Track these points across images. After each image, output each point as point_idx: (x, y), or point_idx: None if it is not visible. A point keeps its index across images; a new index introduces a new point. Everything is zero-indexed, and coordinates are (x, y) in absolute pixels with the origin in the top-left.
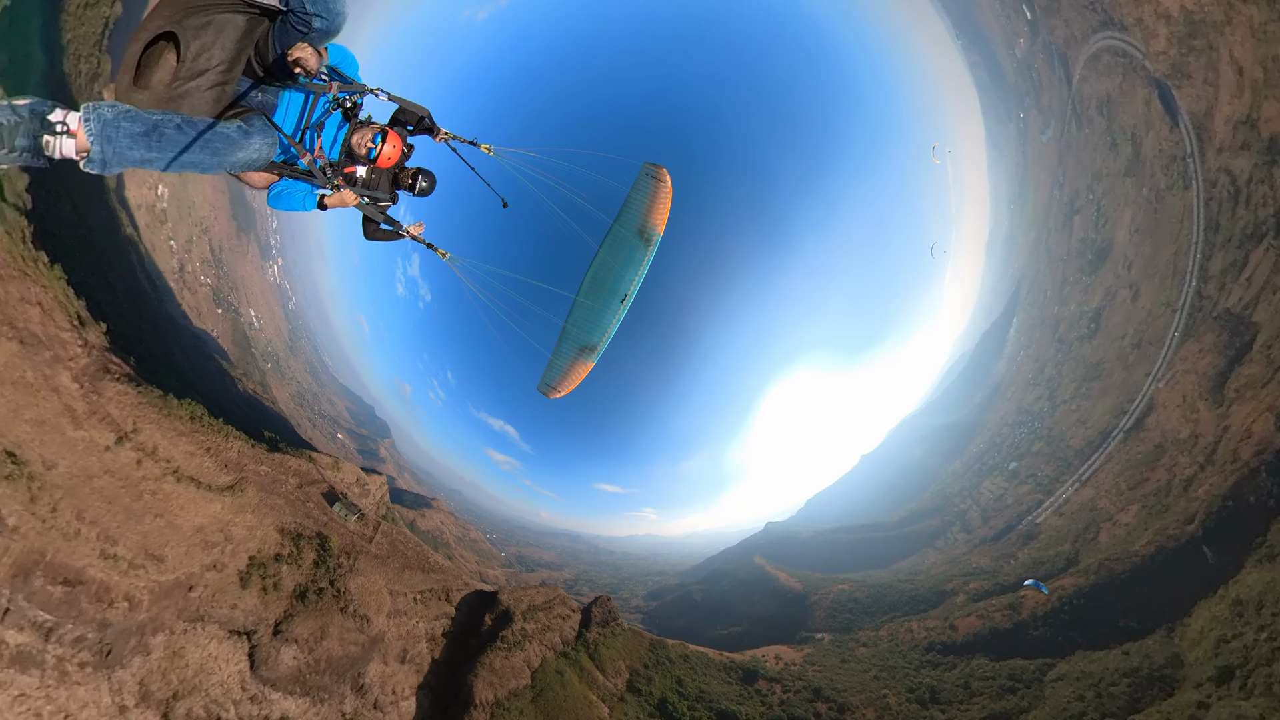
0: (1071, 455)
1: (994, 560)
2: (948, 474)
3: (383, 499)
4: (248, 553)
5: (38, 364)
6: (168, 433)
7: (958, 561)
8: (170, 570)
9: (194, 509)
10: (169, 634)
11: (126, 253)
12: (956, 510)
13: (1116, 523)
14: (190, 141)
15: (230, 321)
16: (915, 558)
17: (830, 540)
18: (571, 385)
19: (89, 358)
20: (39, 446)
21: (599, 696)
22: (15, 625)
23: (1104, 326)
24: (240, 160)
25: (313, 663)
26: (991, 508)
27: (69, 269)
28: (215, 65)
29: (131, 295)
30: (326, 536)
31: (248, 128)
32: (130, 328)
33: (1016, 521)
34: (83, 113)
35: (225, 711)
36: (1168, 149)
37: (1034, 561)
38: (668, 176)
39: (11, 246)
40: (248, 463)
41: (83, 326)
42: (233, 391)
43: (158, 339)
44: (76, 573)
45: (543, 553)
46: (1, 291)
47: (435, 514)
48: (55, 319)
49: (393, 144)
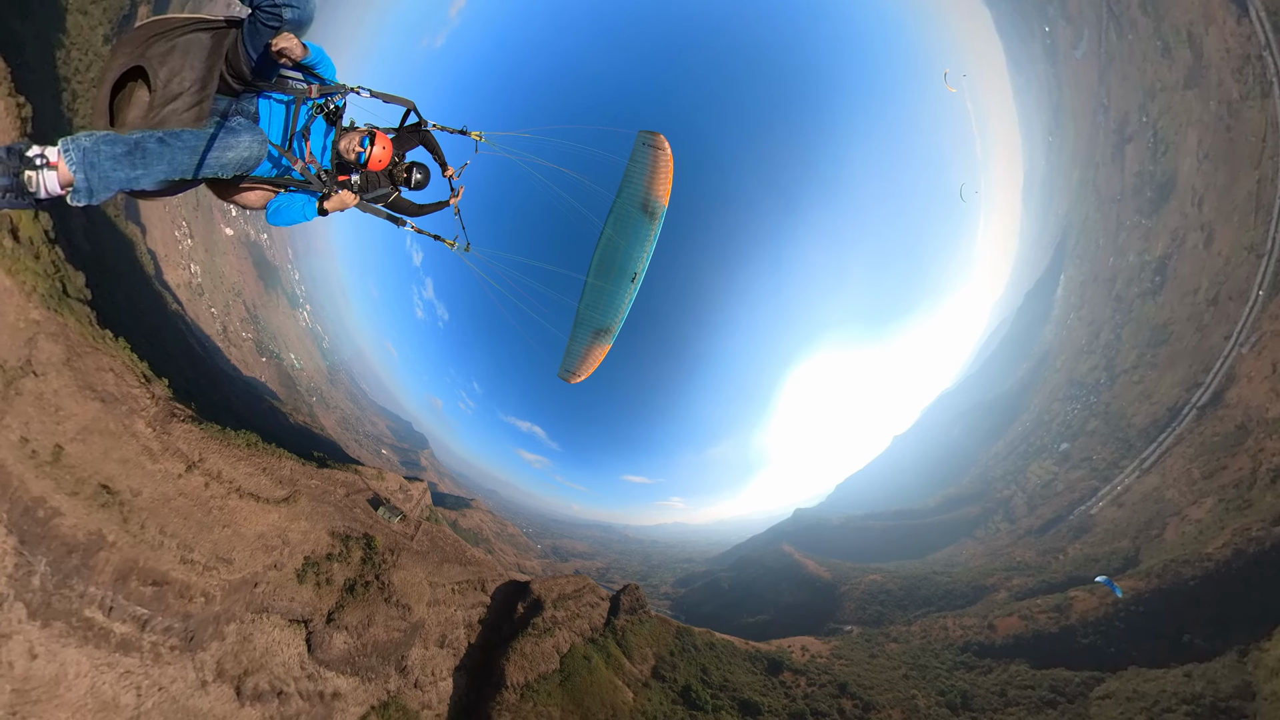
0: (1133, 436)
1: (1040, 555)
2: (989, 456)
3: (425, 503)
4: (303, 553)
5: (117, 415)
6: (228, 459)
7: (999, 554)
8: (238, 570)
9: (255, 519)
10: (239, 623)
11: (176, 324)
12: (999, 497)
13: (1186, 518)
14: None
15: (274, 367)
16: (952, 548)
17: (861, 528)
18: (590, 369)
19: (157, 406)
20: (126, 479)
21: (624, 682)
22: (119, 618)
23: (1171, 279)
24: (231, 160)
25: (361, 646)
26: (1039, 495)
27: (131, 341)
28: (189, 87)
29: (186, 357)
30: (372, 537)
31: (233, 126)
32: (189, 382)
33: (1067, 512)
34: (60, 145)
35: (287, 687)
36: (1236, 47)
37: (1086, 559)
38: (666, 144)
39: (83, 330)
40: (299, 478)
41: (149, 383)
42: (285, 424)
43: (215, 389)
44: (162, 575)
45: (576, 544)
46: (82, 365)
47: (475, 513)
48: (126, 380)
49: (382, 145)
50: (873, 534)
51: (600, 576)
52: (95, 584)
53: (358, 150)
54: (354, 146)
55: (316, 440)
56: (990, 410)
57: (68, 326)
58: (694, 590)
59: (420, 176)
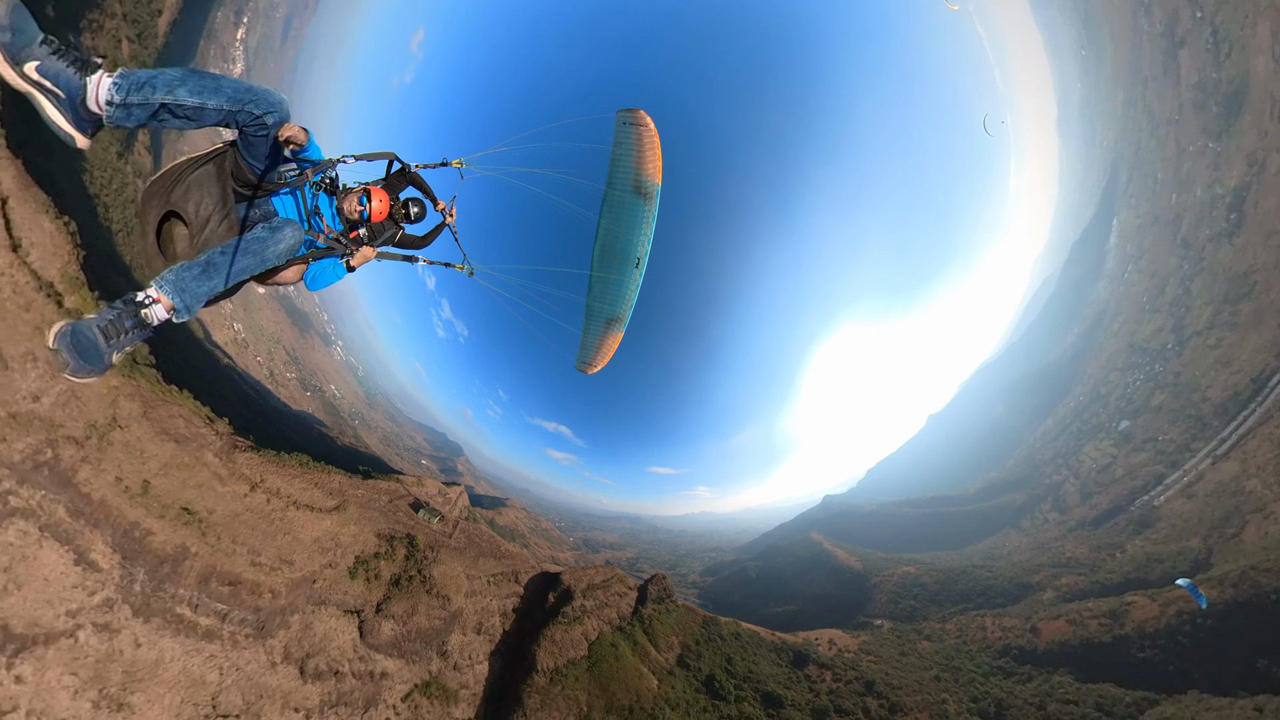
0: (1208, 413)
1: (1093, 551)
2: (1036, 437)
3: (464, 504)
4: (353, 553)
5: (190, 451)
6: (285, 477)
7: (1047, 548)
8: (299, 570)
9: (311, 526)
10: (301, 614)
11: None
12: (1048, 483)
13: (1271, 516)
14: (237, 256)
15: (319, 399)
16: (994, 540)
17: (894, 515)
18: (606, 358)
19: (221, 441)
20: (202, 501)
21: (650, 669)
22: (203, 613)
23: (1251, 215)
24: (281, 250)
25: (406, 633)
26: (1094, 482)
27: (194, 392)
28: (214, 210)
29: (242, 400)
30: (414, 536)
31: (273, 225)
32: (246, 420)
33: (1127, 502)
34: (155, 284)
35: (342, 667)
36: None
37: (1147, 558)
38: (647, 119)
39: (154, 388)
40: (347, 489)
41: (212, 423)
42: (334, 446)
43: (269, 424)
44: (236, 577)
45: (606, 535)
46: (156, 415)
47: (510, 511)
48: (193, 422)
49: (378, 199)
50: (907, 522)
51: (630, 566)
52: (183, 586)
53: (359, 209)
54: (355, 207)
55: (362, 457)
56: (1037, 383)
57: (141, 387)
58: (721, 579)
59: (417, 210)
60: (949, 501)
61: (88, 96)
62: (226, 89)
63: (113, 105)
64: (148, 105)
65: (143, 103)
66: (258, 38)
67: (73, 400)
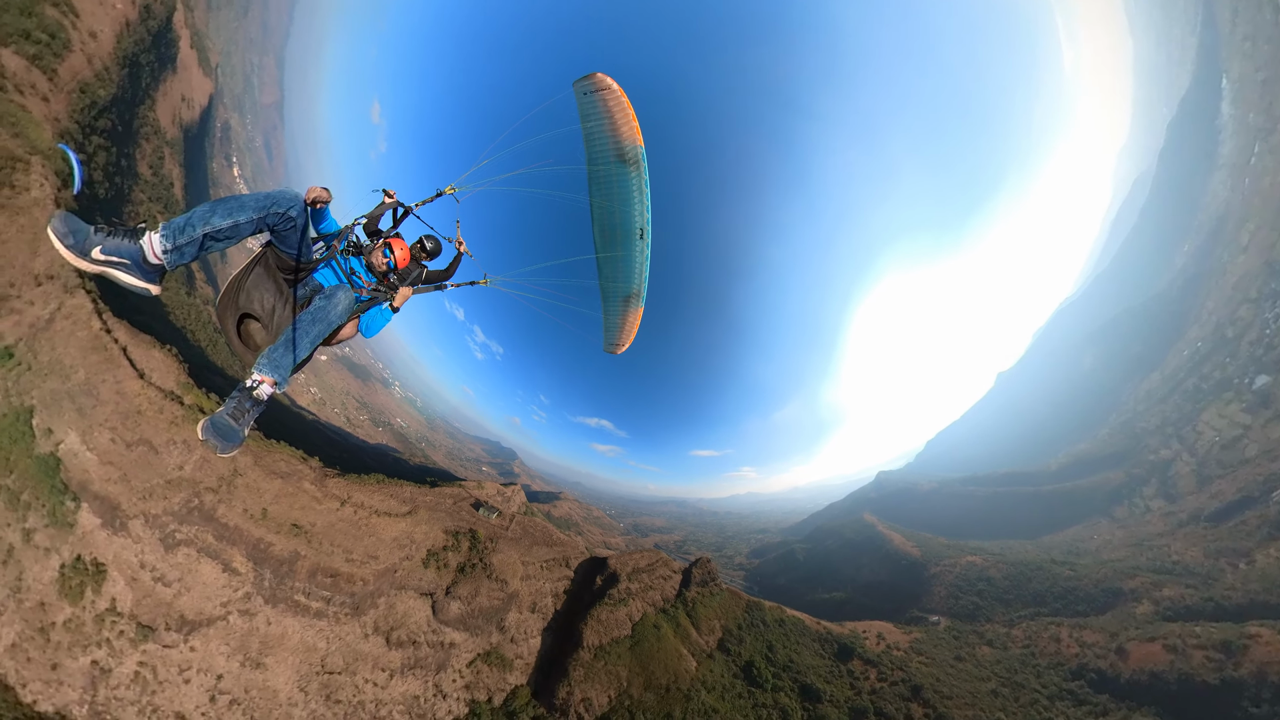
0: None
1: (1210, 557)
2: (1138, 397)
3: (521, 501)
4: (426, 547)
5: (291, 481)
6: (366, 492)
7: (1147, 547)
8: (382, 562)
9: (390, 528)
10: (386, 597)
11: (315, 427)
12: (1152, 460)
13: None
14: (308, 327)
15: (389, 431)
16: (1079, 530)
17: (958, 495)
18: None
19: (314, 472)
20: (306, 517)
21: (690, 651)
22: (314, 599)
23: None
24: (340, 310)
25: (471, 611)
26: (1216, 460)
27: (289, 441)
28: (275, 300)
29: (327, 442)
30: (476, 531)
31: (326, 294)
32: (332, 457)
33: (1263, 492)
34: (256, 368)
35: (419, 638)
36: None
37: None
38: (609, 80)
39: (260, 444)
40: (417, 497)
41: (305, 460)
42: (407, 467)
43: (352, 456)
44: (335, 570)
45: (654, 520)
46: (264, 461)
47: (564, 503)
48: (291, 462)
49: (399, 248)
50: (974, 503)
51: (677, 549)
52: (298, 580)
53: (384, 261)
54: (381, 260)
55: (431, 471)
56: (1137, 325)
57: (249, 444)
58: (768, 561)
59: (431, 245)
60: (1024, 479)
61: (146, 254)
62: (249, 204)
63: (168, 252)
64: (194, 240)
65: (189, 240)
66: (250, 168)
67: (205, 464)
